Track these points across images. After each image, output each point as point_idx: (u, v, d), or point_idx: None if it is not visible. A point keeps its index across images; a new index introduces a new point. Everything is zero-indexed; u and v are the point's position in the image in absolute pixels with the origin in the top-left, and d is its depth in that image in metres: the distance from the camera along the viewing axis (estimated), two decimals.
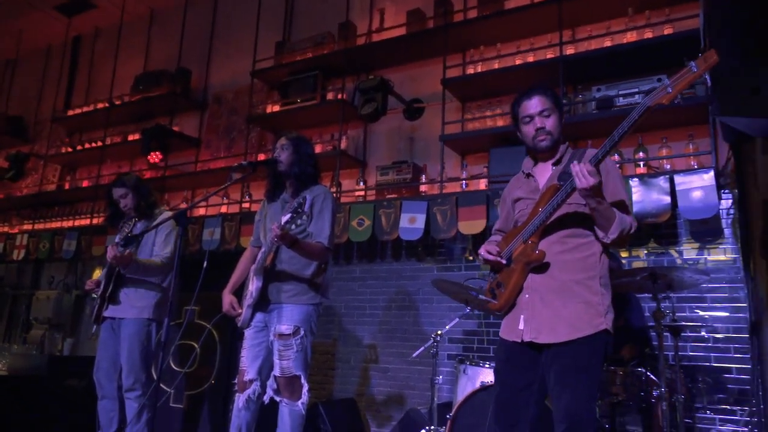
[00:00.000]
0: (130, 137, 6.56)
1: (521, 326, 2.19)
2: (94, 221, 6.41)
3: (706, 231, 3.78)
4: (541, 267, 2.18)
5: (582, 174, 1.97)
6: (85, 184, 6.84)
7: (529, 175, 2.40)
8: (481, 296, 2.35)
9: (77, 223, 6.66)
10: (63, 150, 7.12)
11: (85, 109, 7.11)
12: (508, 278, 2.25)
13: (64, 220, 6.82)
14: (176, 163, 6.24)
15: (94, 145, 6.80)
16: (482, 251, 2.32)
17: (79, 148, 6.92)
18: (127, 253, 3.28)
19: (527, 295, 2.21)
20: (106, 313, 3.48)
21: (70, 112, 7.29)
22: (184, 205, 6.07)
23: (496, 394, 2.26)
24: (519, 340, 2.19)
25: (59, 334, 6.35)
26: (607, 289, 2.19)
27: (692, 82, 1.87)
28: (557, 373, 2.08)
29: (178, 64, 6.56)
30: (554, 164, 2.33)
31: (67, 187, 7.04)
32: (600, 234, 2.13)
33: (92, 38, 7.83)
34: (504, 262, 2.26)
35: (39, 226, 6.97)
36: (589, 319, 2.10)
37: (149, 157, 5.87)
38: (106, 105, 6.79)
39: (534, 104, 2.28)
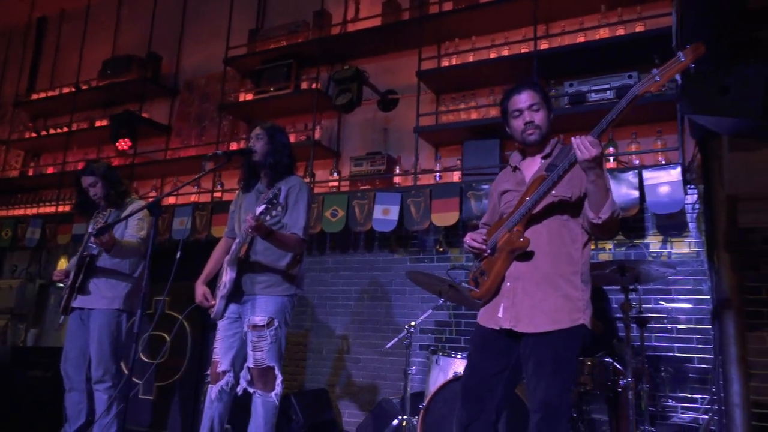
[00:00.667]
0: (98, 123, 6.43)
1: (500, 314, 2.22)
2: (60, 209, 6.25)
3: (672, 225, 3.88)
4: (526, 255, 2.21)
5: (584, 146, 1.98)
6: (50, 170, 6.68)
7: (516, 169, 2.43)
8: (464, 284, 2.38)
9: (41, 210, 6.49)
10: (26, 135, 6.92)
11: (50, 93, 6.92)
12: (491, 266, 2.28)
13: (28, 207, 6.64)
14: (145, 150, 6.12)
15: (59, 130, 6.62)
16: (467, 239, 2.34)
17: (43, 133, 6.74)
18: (109, 235, 3.21)
19: (509, 284, 2.23)
20: (74, 304, 3.41)
21: (34, 96, 7.07)
22: (153, 194, 5.98)
23: (465, 379, 2.29)
24: (497, 327, 2.22)
25: (22, 325, 6.20)
26: (587, 285, 2.23)
27: (680, 71, 1.91)
28: (534, 364, 2.12)
29: (148, 49, 6.41)
30: (544, 158, 2.35)
31: (30, 173, 6.86)
32: (590, 215, 2.12)
33: (58, 20, 7.60)
34: (488, 250, 2.29)
35: (1, 213, 6.76)
36: (568, 313, 2.15)
37: (118, 144, 5.74)
38: (72, 90, 6.62)
39: (523, 99, 2.32)
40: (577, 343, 2.14)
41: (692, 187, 3.80)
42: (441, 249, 4.60)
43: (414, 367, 3.64)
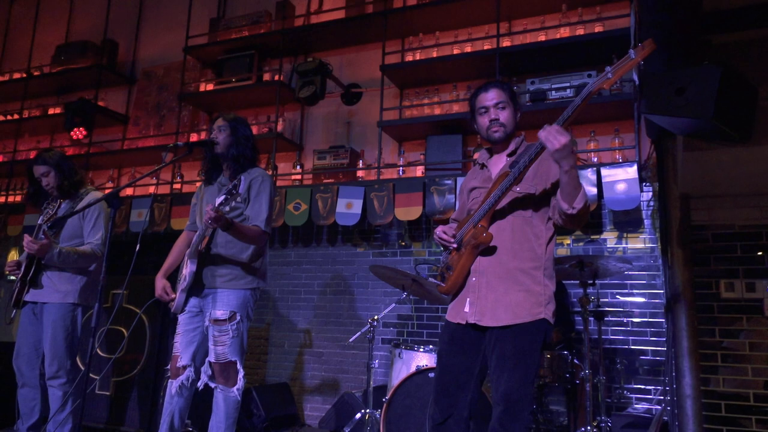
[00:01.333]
0: (51, 111, 6.22)
1: (467, 309, 2.25)
2: (10, 199, 6.03)
3: (628, 221, 4.00)
4: (489, 250, 2.25)
5: (552, 136, 1.97)
6: None
7: (483, 166, 2.46)
8: (431, 279, 2.41)
9: None
10: None
11: (0, 78, 6.65)
12: (456, 261, 2.31)
13: None
14: (101, 140, 5.95)
15: (9, 117, 6.37)
16: (439, 231, 2.37)
17: None
18: (45, 242, 3.12)
19: (474, 278, 2.27)
20: (27, 297, 3.29)
21: None
22: (110, 185, 5.82)
23: (437, 377, 2.31)
24: (464, 322, 2.26)
25: None
26: (551, 280, 2.27)
27: (631, 68, 1.96)
28: (497, 357, 2.16)
29: (104, 35, 6.23)
30: (509, 155, 2.39)
31: None
32: (564, 206, 2.10)
33: (7, 2, 7.29)
34: (455, 245, 2.32)
35: None
36: (530, 308, 2.18)
37: (72, 132, 5.56)
38: (24, 75, 6.38)
39: (490, 96, 2.36)
40: (539, 336, 2.18)
41: (648, 184, 3.92)
42: (403, 243, 4.63)
43: (377, 361, 3.65)
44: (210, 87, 5.44)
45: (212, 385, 2.89)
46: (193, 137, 5.46)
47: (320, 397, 4.60)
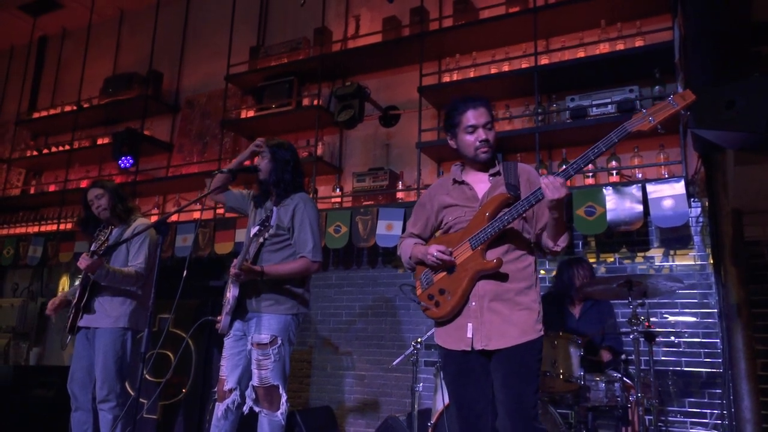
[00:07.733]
0: (99, 141, 6.45)
1: (469, 334, 2.21)
2: (62, 227, 6.24)
3: (676, 238, 3.88)
4: (488, 274, 2.23)
5: (554, 186, 2.04)
6: (51, 188, 6.67)
7: (462, 183, 2.40)
8: (422, 303, 2.34)
9: (43, 228, 6.48)
10: (28, 153, 6.93)
11: (52, 111, 6.95)
12: (454, 285, 2.25)
13: (30, 225, 6.63)
14: (147, 168, 6.13)
15: (61, 148, 6.63)
16: (434, 251, 2.26)
17: (45, 151, 6.75)
18: (97, 258, 3.22)
19: (474, 303, 2.23)
20: (80, 323, 3.39)
21: (36, 115, 7.09)
22: (156, 211, 5.97)
23: (455, 411, 2.29)
24: (469, 349, 2.21)
25: (24, 344, 6.17)
26: (540, 298, 2.31)
27: (672, 116, 1.97)
28: (506, 374, 2.15)
29: (149, 67, 6.44)
30: (492, 175, 2.37)
31: (32, 191, 6.86)
32: (550, 244, 2.25)
33: (59, 39, 7.64)
34: (455, 262, 2.26)
35: (3, 231, 6.76)
36: (533, 324, 2.22)
37: (120, 161, 5.74)
38: (74, 108, 6.64)
39: (480, 114, 2.31)
40: (541, 352, 2.23)
41: (696, 200, 3.81)
42: None
43: (421, 384, 3.61)
44: (251, 113, 5.55)
45: (257, 409, 2.91)
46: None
47: (363, 421, 4.56)
